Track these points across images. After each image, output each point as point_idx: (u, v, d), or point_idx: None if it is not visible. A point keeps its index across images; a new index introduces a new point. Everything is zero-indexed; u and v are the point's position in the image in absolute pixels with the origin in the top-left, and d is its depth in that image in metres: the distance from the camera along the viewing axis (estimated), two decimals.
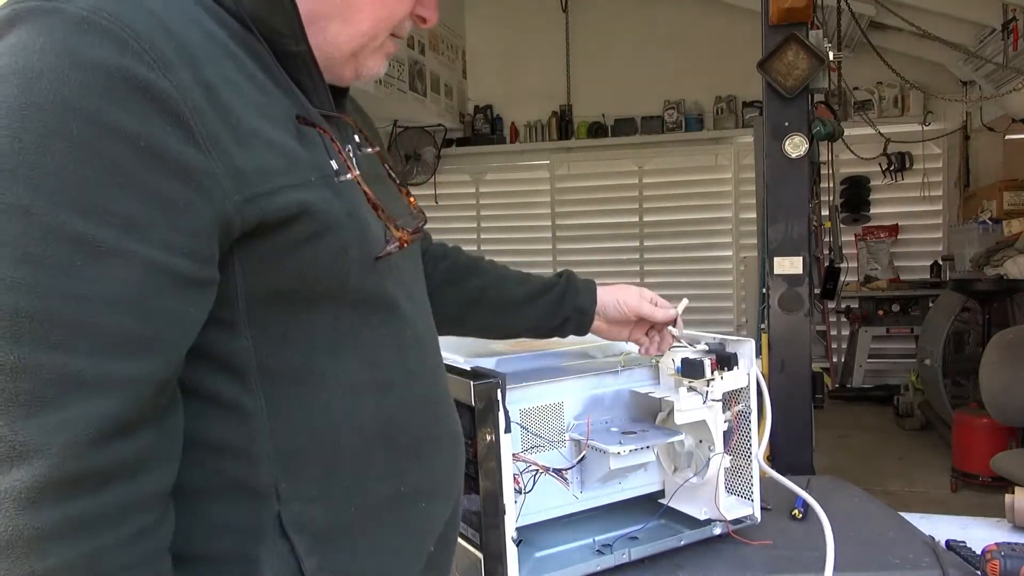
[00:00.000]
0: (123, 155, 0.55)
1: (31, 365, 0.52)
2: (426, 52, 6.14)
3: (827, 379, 4.86)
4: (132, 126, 0.56)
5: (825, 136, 2.86)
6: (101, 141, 0.55)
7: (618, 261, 7.09)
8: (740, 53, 5.06)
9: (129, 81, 0.56)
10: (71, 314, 0.53)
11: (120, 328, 0.55)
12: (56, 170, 0.53)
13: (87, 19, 0.56)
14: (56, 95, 0.54)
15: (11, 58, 0.55)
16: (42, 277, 0.52)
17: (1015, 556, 1.10)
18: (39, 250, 0.52)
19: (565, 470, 1.16)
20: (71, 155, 0.54)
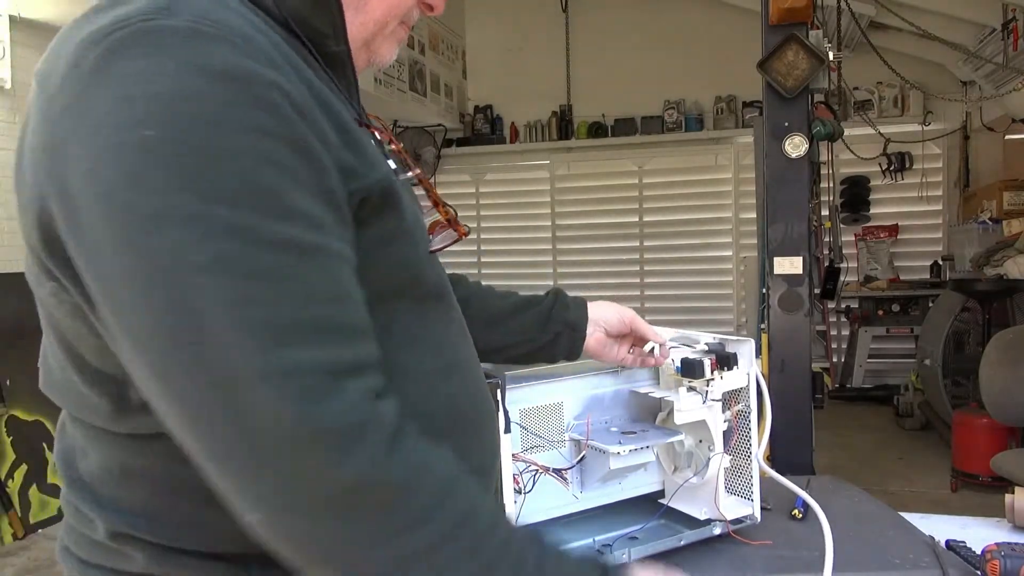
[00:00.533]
0: (283, 155, 0.56)
1: (301, 364, 0.54)
2: (426, 52, 6.15)
3: (827, 379, 4.87)
4: (278, 126, 0.56)
5: (825, 136, 2.86)
6: (267, 147, 0.55)
7: (618, 261, 7.09)
8: (740, 53, 5.05)
9: (266, 84, 0.56)
10: (310, 314, 0.55)
11: (346, 317, 0.58)
12: (240, 185, 0.54)
13: (197, 30, 0.55)
14: (205, 114, 0.54)
15: (143, 86, 0.54)
16: (273, 288, 0.54)
17: (1015, 556, 1.10)
18: (260, 264, 0.54)
19: (565, 470, 1.16)
20: (246, 167, 0.54)
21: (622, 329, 1.17)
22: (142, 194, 0.53)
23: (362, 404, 0.56)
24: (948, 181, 6.48)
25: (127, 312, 0.55)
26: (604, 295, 5.77)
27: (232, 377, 0.53)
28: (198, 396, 0.53)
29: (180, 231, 0.52)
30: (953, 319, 4.93)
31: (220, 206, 0.53)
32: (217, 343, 0.52)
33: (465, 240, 3.51)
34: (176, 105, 0.53)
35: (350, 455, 0.54)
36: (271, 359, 0.53)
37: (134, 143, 0.53)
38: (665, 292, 7.02)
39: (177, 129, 0.53)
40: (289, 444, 0.53)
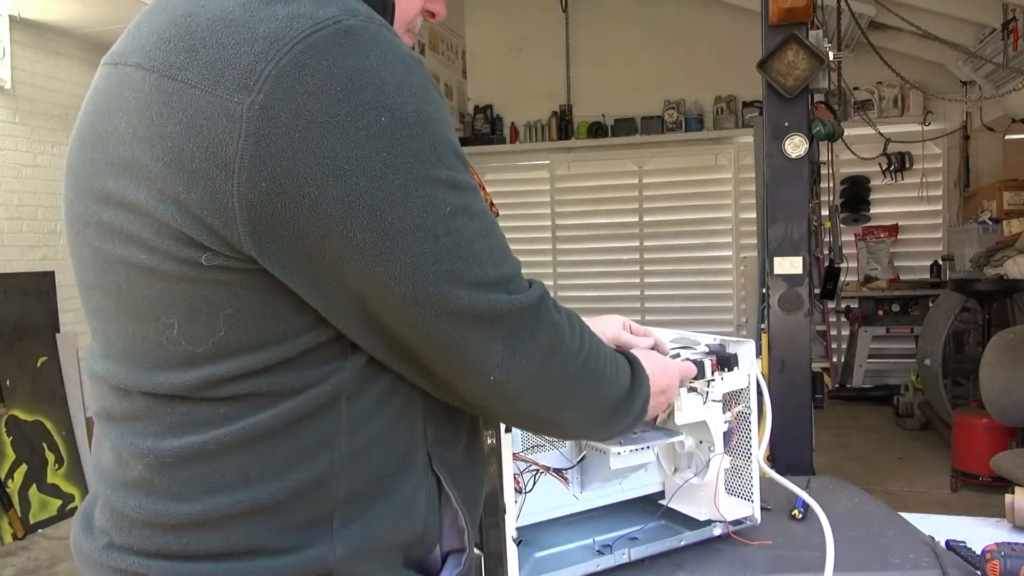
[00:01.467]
0: (448, 118, 0.69)
1: (513, 268, 0.73)
2: (426, 52, 6.15)
3: (827, 379, 4.87)
4: (440, 96, 0.68)
5: (825, 136, 2.86)
6: (444, 114, 0.68)
7: (618, 261, 7.10)
8: (740, 53, 5.06)
9: (421, 63, 0.67)
10: (500, 239, 0.72)
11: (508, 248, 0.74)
12: (450, 153, 0.67)
13: (375, 28, 0.65)
14: (417, 95, 0.65)
15: (363, 79, 0.62)
16: (484, 221, 0.70)
17: (1015, 556, 1.10)
18: (474, 205, 0.69)
19: (565, 470, 1.16)
20: (450, 135, 0.67)
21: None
22: (391, 168, 0.63)
23: (535, 288, 0.74)
24: (948, 181, 6.48)
25: (397, 258, 0.64)
26: (604, 295, 5.83)
27: (489, 282, 0.68)
28: (468, 295, 0.67)
29: (424, 191, 0.64)
30: (953, 319, 4.93)
31: (443, 167, 0.66)
32: (475, 261, 0.67)
33: None
34: (396, 93, 0.63)
35: (546, 315, 0.73)
36: (502, 270, 0.70)
37: (374, 128, 0.62)
38: (665, 292, 7.02)
39: (403, 112, 0.63)
40: (516, 314, 0.70)
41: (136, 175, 0.65)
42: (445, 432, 0.78)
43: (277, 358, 0.67)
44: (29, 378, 4.06)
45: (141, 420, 0.71)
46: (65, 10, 4.09)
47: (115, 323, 0.71)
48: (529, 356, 0.72)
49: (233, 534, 0.68)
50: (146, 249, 0.66)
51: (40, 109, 4.34)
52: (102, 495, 0.75)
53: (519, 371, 0.71)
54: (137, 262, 0.67)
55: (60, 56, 4.47)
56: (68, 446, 4.27)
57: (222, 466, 0.68)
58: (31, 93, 4.28)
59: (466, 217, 0.67)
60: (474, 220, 0.68)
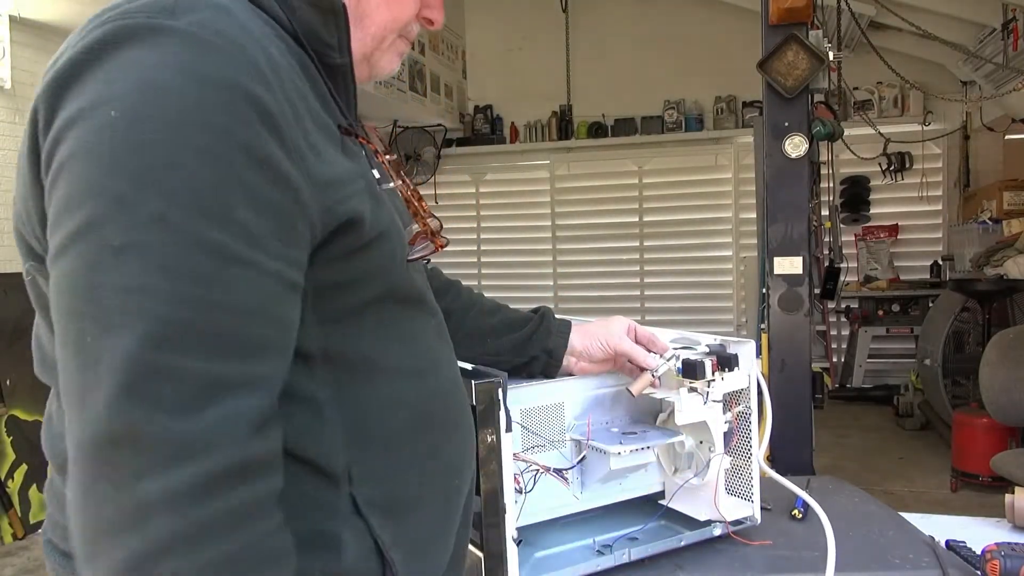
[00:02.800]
0: (243, 167, 0.58)
1: (183, 369, 0.54)
2: (426, 52, 6.15)
3: (827, 379, 4.87)
4: (248, 139, 0.58)
5: (825, 136, 2.86)
6: (224, 153, 0.57)
7: (618, 261, 7.09)
8: (740, 53, 5.05)
9: (242, 96, 0.58)
10: (212, 321, 0.55)
11: (253, 333, 0.58)
12: (186, 181, 0.55)
13: (197, 36, 0.58)
14: (180, 109, 0.56)
15: (132, 73, 0.57)
16: (182, 285, 0.54)
17: (1015, 556, 1.10)
18: (177, 260, 0.54)
19: (565, 470, 1.16)
20: (198, 167, 0.56)
21: (606, 356, 1.17)
22: (89, 166, 0.55)
23: (221, 428, 0.54)
24: (948, 181, 6.48)
25: (53, 272, 0.57)
26: (604, 295, 5.84)
27: (98, 358, 0.53)
28: (71, 365, 0.54)
29: (107, 208, 0.54)
30: (953, 319, 4.93)
31: (154, 196, 0.54)
32: (101, 321, 0.53)
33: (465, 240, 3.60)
34: (148, 94, 0.56)
35: (170, 473, 0.52)
36: (145, 354, 0.53)
37: (100, 119, 0.55)
38: (665, 292, 7.02)
39: (139, 115, 0.55)
40: (110, 442, 0.52)
41: (19, 186, 0.67)
42: (378, 467, 0.72)
43: None
44: (29, 378, 4.04)
45: (54, 420, 0.73)
46: (65, 10, 4.09)
47: (38, 319, 0.75)
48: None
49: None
50: (29, 257, 0.69)
51: None
52: (46, 497, 0.79)
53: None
54: (27, 268, 0.71)
55: None
56: None
57: None
58: (31, 93, 4.25)
59: (154, 264, 0.54)
60: (174, 276, 0.54)
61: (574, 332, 1.18)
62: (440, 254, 0.83)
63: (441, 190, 7.19)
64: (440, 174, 7.13)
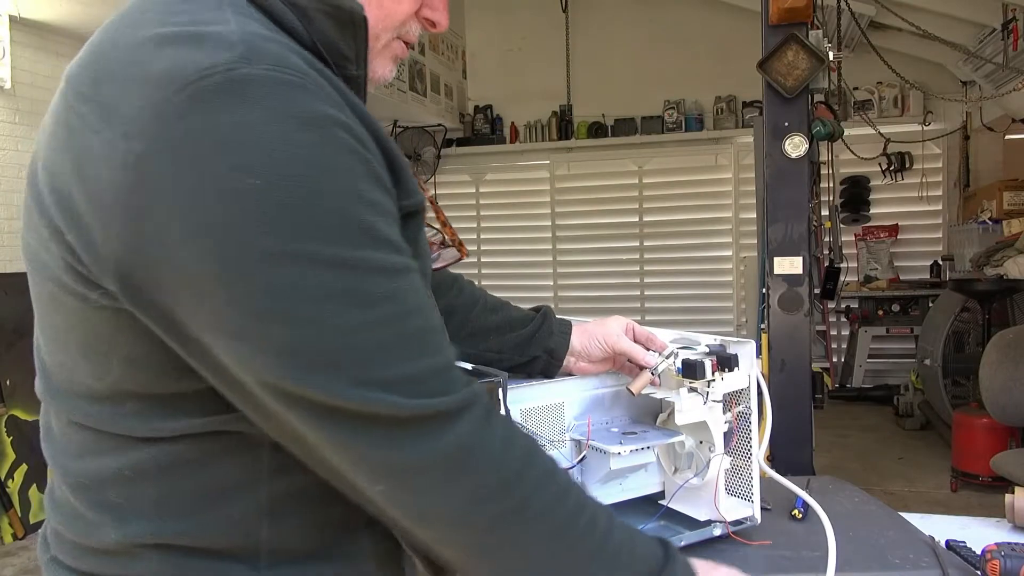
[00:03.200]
0: (367, 190, 0.61)
1: (429, 365, 0.63)
2: (426, 52, 6.15)
3: (827, 379, 4.87)
4: (359, 164, 0.61)
5: (825, 136, 2.86)
6: (351, 185, 0.60)
7: (618, 261, 7.09)
8: (740, 53, 5.06)
9: (337, 125, 0.60)
10: (416, 326, 0.63)
11: (435, 321, 0.66)
12: (340, 223, 0.59)
13: (278, 79, 0.58)
14: (300, 159, 0.57)
15: (241, 135, 0.56)
16: (381, 309, 0.60)
17: (1015, 556, 1.10)
18: (366, 290, 0.60)
19: (566, 470, 1.16)
20: (342, 206, 0.59)
21: (605, 355, 1.18)
22: (256, 236, 0.56)
23: (465, 395, 0.64)
24: (948, 181, 6.48)
25: (255, 341, 0.58)
26: (604, 295, 5.84)
27: (376, 380, 0.60)
28: (343, 391, 0.59)
29: (294, 268, 0.57)
30: (953, 319, 4.93)
31: (325, 243, 0.58)
32: (354, 355, 0.59)
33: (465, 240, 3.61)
34: (275, 154, 0.56)
35: (463, 428, 0.62)
36: (404, 368, 0.61)
37: (242, 190, 0.56)
38: (665, 292, 7.02)
39: (278, 175, 0.56)
40: (414, 422, 0.60)
41: (42, 203, 0.63)
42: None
43: (184, 402, 0.63)
44: (29, 378, 4.05)
45: (64, 438, 0.70)
46: (65, 10, 4.09)
47: (42, 339, 0.72)
48: (427, 474, 0.62)
49: (148, 563, 0.66)
50: (51, 277, 0.64)
51: (40, 109, 4.32)
52: (46, 509, 0.75)
53: (411, 491, 0.62)
54: (47, 287, 0.66)
55: (60, 56, 4.47)
56: None
57: (136, 494, 0.65)
58: (31, 93, 4.28)
59: (351, 303, 0.58)
60: (366, 308, 0.59)
61: (574, 332, 1.18)
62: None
63: (441, 190, 7.19)
64: (440, 174, 7.13)
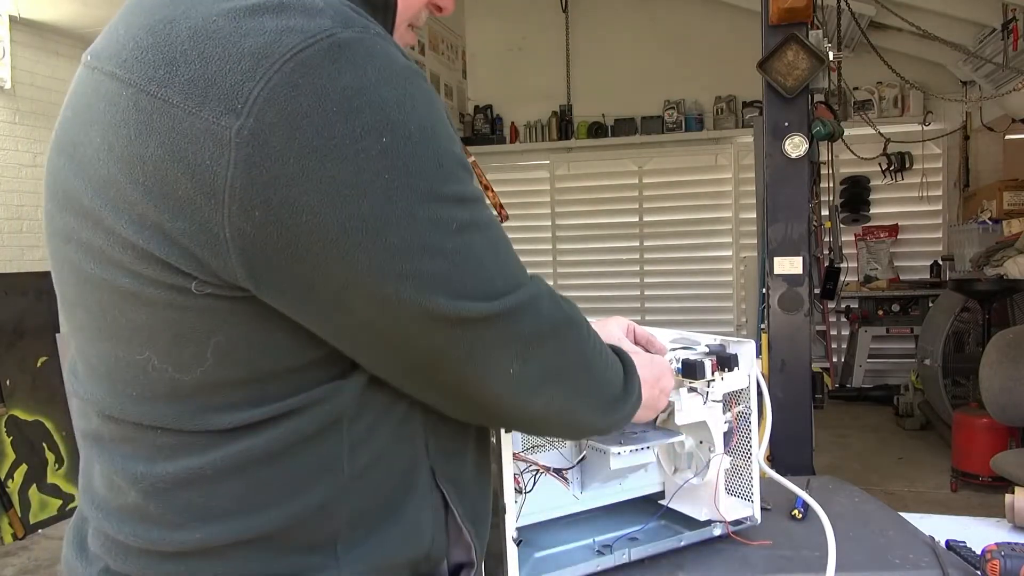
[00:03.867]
0: (451, 128, 0.65)
1: (520, 265, 0.71)
2: (426, 52, 6.15)
3: (827, 379, 4.87)
4: (442, 106, 0.65)
5: (825, 136, 2.86)
6: (447, 126, 0.64)
7: (618, 261, 7.10)
8: (740, 53, 5.06)
9: (421, 75, 0.64)
10: (508, 252, 0.70)
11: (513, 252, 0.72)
12: (456, 166, 0.64)
13: (369, 40, 0.60)
14: (418, 112, 0.61)
15: (361, 98, 0.58)
16: (494, 229, 0.68)
17: (1015, 556, 1.10)
18: (481, 216, 0.66)
19: (565, 470, 1.16)
20: (453, 148, 0.64)
21: None
22: (397, 189, 0.59)
23: (536, 281, 0.72)
24: (948, 181, 6.48)
25: (408, 280, 0.61)
26: (604, 295, 5.85)
27: (500, 291, 0.67)
28: (483, 306, 0.65)
29: (434, 208, 0.61)
30: (953, 319, 4.93)
31: (450, 183, 0.63)
32: (486, 274, 0.66)
33: None
34: (395, 111, 0.59)
35: (552, 303, 0.73)
36: (512, 277, 0.69)
37: (376, 150, 0.58)
38: (665, 292, 7.02)
39: (404, 131, 0.60)
40: (526, 307, 0.69)
41: (113, 197, 0.60)
42: (449, 445, 0.75)
43: (272, 385, 0.64)
44: (29, 378, 4.06)
45: (130, 443, 0.67)
46: (65, 10, 4.09)
47: (97, 344, 0.67)
48: (544, 342, 0.71)
49: (232, 561, 0.65)
50: (129, 273, 0.61)
51: (40, 109, 4.33)
52: (94, 519, 0.72)
53: (536, 360, 0.71)
54: (120, 285, 0.62)
55: (60, 56, 4.47)
56: (68, 446, 4.27)
57: (219, 492, 0.64)
58: (31, 93, 4.28)
59: (474, 231, 0.65)
60: (482, 232, 0.66)
61: None
62: None
63: None
64: None
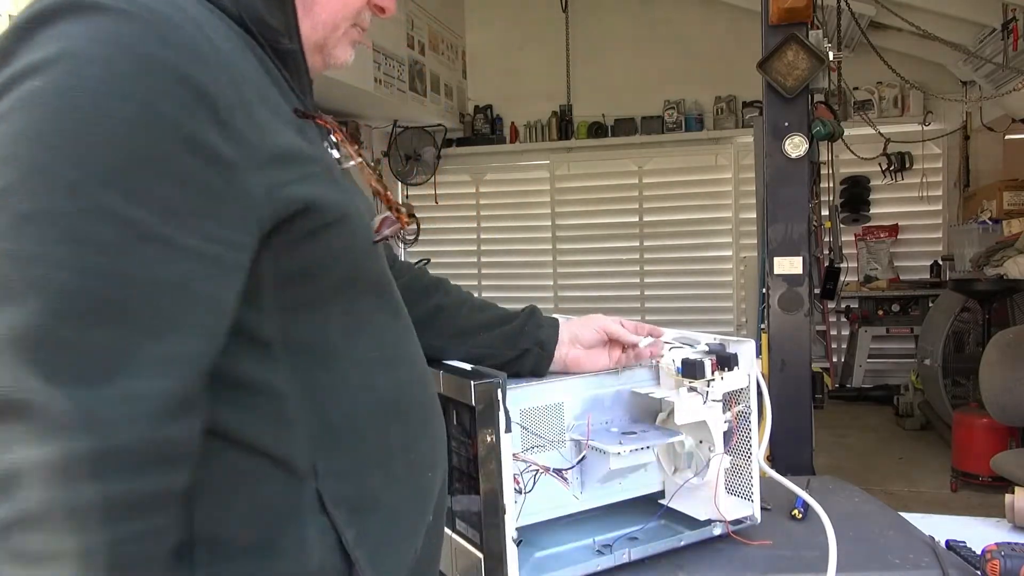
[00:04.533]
0: (166, 143, 0.57)
1: (83, 340, 0.52)
2: (426, 52, 6.14)
3: (827, 379, 4.87)
4: (174, 115, 0.57)
5: (825, 136, 2.86)
6: (145, 127, 0.56)
7: (618, 261, 7.09)
8: (740, 53, 5.06)
9: (172, 73, 0.58)
10: (117, 293, 0.54)
11: (165, 309, 0.56)
12: (101, 152, 0.55)
13: (129, 13, 0.58)
14: (104, 80, 0.56)
15: (59, 44, 0.56)
16: (88, 255, 0.53)
17: (1015, 556, 1.10)
18: (84, 228, 0.53)
19: (565, 470, 1.16)
20: (116, 138, 0.55)
21: (599, 338, 1.18)
22: (7, 133, 0.54)
23: (120, 406, 0.53)
24: (948, 181, 6.48)
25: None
26: (604, 295, 5.85)
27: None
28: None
29: (20, 175, 0.53)
30: (953, 319, 4.93)
31: (69, 166, 0.54)
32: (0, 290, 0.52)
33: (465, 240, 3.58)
34: (73, 65, 0.55)
35: (50, 444, 0.51)
36: (46, 323, 0.52)
37: (25, 89, 0.55)
38: (665, 292, 7.01)
39: (69, 84, 0.55)
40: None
41: None
42: (345, 464, 0.70)
43: None
44: None
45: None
46: None
47: None
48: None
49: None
50: None
51: None
52: None
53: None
54: None
55: None
56: None
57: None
58: None
59: (70, 236, 0.53)
60: (85, 244, 0.54)
61: (562, 324, 1.19)
62: (441, 254, 0.82)
63: (441, 190, 7.19)
64: (440, 174, 7.12)
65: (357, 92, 4.99)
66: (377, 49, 5.17)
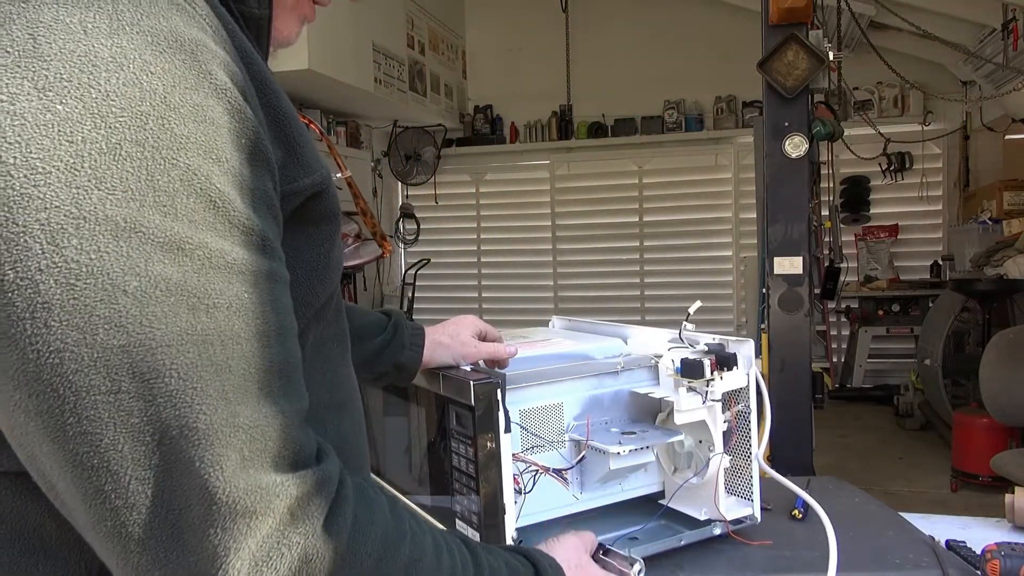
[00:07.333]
0: (231, 153, 0.48)
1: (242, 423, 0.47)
2: (426, 52, 6.15)
3: (827, 379, 4.87)
4: (229, 116, 0.48)
5: (825, 136, 2.86)
6: (210, 141, 0.46)
7: (618, 261, 7.09)
8: (740, 53, 5.06)
9: (211, 58, 0.48)
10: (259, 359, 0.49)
11: (287, 357, 0.52)
12: (185, 190, 0.45)
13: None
14: (146, 91, 0.43)
15: (66, 44, 0.42)
16: (221, 325, 0.46)
17: (1015, 556, 1.10)
18: (206, 291, 0.46)
19: (565, 470, 1.16)
20: (193, 167, 0.45)
21: (454, 363, 1.16)
22: (53, 190, 0.40)
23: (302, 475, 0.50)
24: (948, 181, 6.48)
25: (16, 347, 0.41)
26: (604, 295, 5.85)
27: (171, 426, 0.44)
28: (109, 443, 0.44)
29: (107, 242, 0.41)
30: (953, 319, 4.93)
31: (157, 214, 0.42)
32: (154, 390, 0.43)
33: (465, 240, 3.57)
34: (109, 77, 0.41)
35: (296, 527, 0.48)
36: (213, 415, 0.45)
37: (45, 121, 0.40)
38: (665, 292, 7.01)
39: (106, 106, 0.41)
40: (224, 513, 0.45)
41: None
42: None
43: None
44: None
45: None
46: None
47: None
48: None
49: None
50: None
51: None
52: None
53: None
54: None
55: None
56: None
57: None
58: None
59: (187, 304, 0.44)
60: (213, 310, 0.45)
61: (426, 344, 1.15)
62: (441, 254, 0.79)
63: (441, 190, 7.19)
64: (440, 174, 7.12)
65: (357, 92, 4.99)
66: (377, 49, 5.17)
